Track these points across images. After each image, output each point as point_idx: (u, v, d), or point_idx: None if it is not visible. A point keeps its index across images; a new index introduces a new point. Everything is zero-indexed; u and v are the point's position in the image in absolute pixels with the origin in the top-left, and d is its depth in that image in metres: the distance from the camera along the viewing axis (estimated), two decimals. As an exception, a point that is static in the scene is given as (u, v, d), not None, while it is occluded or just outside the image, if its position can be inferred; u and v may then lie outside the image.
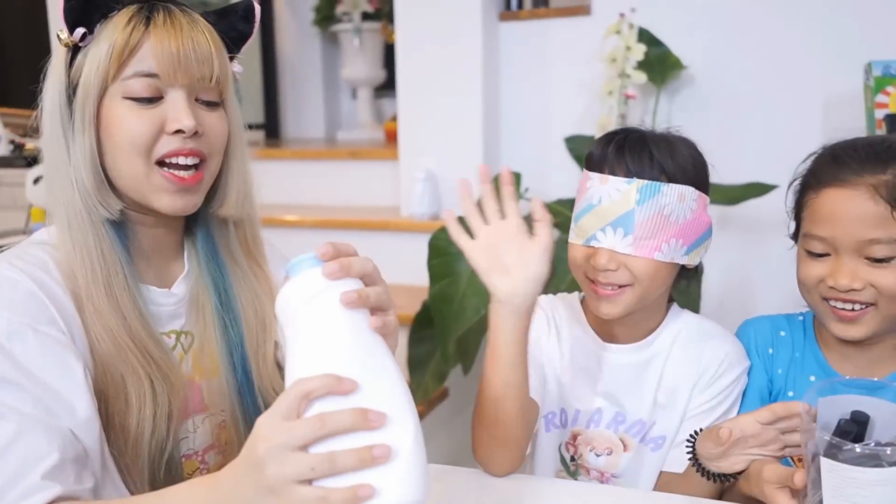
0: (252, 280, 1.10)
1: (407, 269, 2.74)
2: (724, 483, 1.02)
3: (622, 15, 2.38)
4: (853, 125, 2.07)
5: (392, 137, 3.01)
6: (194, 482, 0.80)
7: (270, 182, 1.02)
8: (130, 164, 0.95)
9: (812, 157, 1.10)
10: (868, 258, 1.01)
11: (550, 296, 1.29)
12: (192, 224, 1.08)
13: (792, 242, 1.15)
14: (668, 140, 1.12)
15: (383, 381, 0.71)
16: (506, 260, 1.00)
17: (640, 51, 2.39)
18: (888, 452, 0.74)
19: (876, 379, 1.05)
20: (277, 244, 1.20)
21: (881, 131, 2.05)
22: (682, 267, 1.15)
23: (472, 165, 2.77)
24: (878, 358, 1.10)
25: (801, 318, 1.19)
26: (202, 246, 1.08)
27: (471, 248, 1.02)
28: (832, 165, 1.05)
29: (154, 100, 0.95)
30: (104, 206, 0.95)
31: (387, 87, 3.31)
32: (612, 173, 1.09)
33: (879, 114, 2.07)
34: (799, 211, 1.10)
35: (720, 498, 1.06)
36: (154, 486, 0.97)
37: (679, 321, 1.22)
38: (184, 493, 0.79)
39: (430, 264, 2.13)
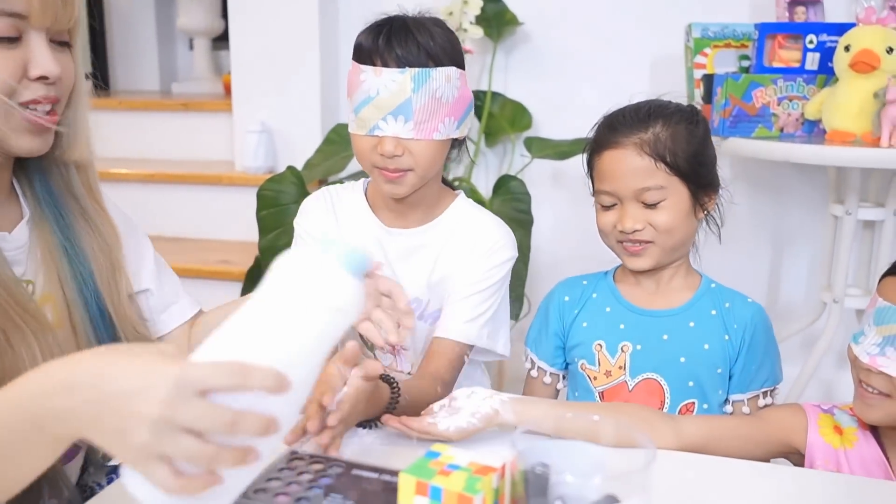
0: (98, 224, 1.05)
1: (241, 223, 2.66)
2: None
3: (459, -32, 2.38)
4: (676, 84, 2.16)
5: (231, 91, 2.89)
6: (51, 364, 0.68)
7: (98, 134, 1.00)
8: None
9: (595, 127, 1.29)
10: (644, 203, 1.22)
11: (332, 187, 1.36)
12: (24, 167, 1.02)
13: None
14: (425, 23, 1.20)
15: (303, 394, 0.67)
16: None
17: (476, 6, 2.39)
18: None
19: (661, 308, 1.29)
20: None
21: (699, 90, 2.15)
22: (452, 141, 1.26)
23: (309, 119, 2.72)
24: (662, 283, 1.31)
25: (605, 273, 1.37)
26: (40, 190, 1.02)
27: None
28: (608, 131, 1.25)
29: (14, 40, 0.90)
30: None
31: (226, 38, 3.14)
32: (385, 65, 1.17)
33: (698, 74, 2.17)
34: (591, 172, 1.30)
35: None
36: None
37: (459, 210, 1.32)
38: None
39: (260, 216, 2.06)
